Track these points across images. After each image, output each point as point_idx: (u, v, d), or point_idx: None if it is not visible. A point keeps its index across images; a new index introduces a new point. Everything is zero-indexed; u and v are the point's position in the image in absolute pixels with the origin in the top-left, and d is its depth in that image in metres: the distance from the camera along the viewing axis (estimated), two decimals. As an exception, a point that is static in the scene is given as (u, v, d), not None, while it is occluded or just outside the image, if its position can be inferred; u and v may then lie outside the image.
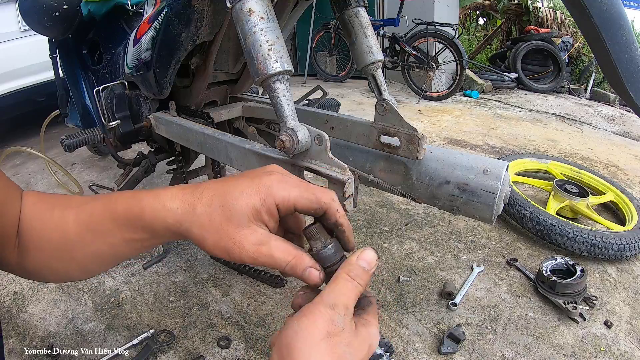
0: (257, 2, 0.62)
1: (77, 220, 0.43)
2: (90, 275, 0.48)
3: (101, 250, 0.43)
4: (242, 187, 0.39)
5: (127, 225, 0.42)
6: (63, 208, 0.44)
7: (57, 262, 0.44)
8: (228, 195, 0.38)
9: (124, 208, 0.42)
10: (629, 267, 1.37)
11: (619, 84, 0.68)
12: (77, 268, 0.45)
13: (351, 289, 0.36)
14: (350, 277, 0.36)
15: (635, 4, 4.88)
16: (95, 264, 0.45)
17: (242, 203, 0.38)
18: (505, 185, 0.73)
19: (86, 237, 0.43)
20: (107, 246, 0.43)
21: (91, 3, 1.29)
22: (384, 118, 0.83)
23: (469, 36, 6.92)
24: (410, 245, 1.48)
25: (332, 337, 0.33)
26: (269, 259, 0.38)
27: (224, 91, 1.26)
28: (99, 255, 0.44)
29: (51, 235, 0.43)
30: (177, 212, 0.39)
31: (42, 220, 0.43)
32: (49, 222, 0.43)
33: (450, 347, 1.02)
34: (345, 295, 0.35)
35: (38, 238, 0.43)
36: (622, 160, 2.40)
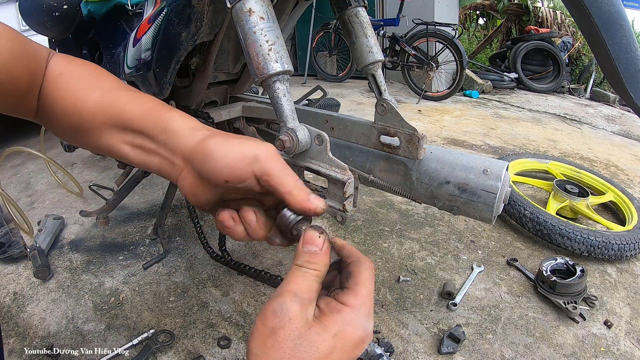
0: (257, 2, 0.62)
1: (99, 100, 0.44)
2: (88, 149, 0.51)
3: (103, 134, 0.44)
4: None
5: (143, 117, 0.42)
6: (89, 87, 0.45)
7: (65, 129, 0.46)
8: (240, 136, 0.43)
9: (152, 105, 0.43)
10: (629, 267, 1.37)
11: (619, 84, 0.68)
12: (79, 140, 0.46)
13: (300, 275, 0.33)
14: (298, 264, 0.34)
15: (635, 4, 4.88)
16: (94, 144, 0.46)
17: None
18: (505, 185, 0.73)
19: (98, 118, 0.43)
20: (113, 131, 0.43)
21: (91, 3, 1.29)
22: (384, 118, 0.83)
23: (469, 36, 6.92)
24: (410, 245, 1.48)
25: (278, 331, 0.30)
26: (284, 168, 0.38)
27: (224, 91, 1.27)
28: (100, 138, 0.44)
29: (66, 110, 0.44)
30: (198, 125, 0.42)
31: (64, 93, 0.45)
32: (70, 96, 0.44)
33: (450, 347, 1.02)
34: (294, 283, 0.33)
35: (55, 108, 0.45)
36: (622, 160, 2.40)
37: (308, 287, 0.33)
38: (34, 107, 0.45)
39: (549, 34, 4.74)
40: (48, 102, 0.45)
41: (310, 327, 0.30)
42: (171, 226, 1.62)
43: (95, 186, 1.63)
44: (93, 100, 0.44)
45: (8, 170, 2.40)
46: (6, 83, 0.41)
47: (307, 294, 0.32)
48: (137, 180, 1.47)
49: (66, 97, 0.44)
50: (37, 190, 2.08)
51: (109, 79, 0.47)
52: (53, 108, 0.45)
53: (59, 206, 1.87)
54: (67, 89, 0.45)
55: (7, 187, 2.12)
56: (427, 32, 3.69)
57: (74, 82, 0.45)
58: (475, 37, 6.97)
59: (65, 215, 1.74)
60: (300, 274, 0.33)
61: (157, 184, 2.01)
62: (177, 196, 1.65)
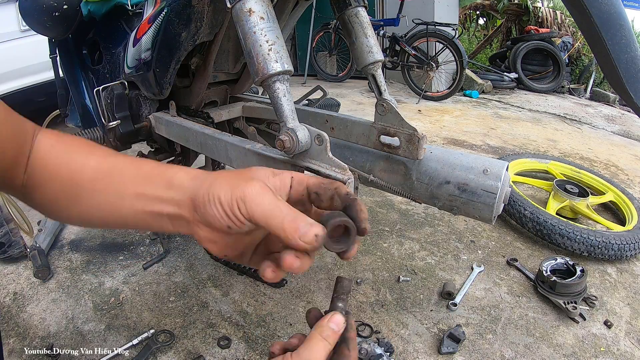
0: (257, 2, 0.62)
1: (97, 167, 0.43)
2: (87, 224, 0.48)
3: (107, 200, 0.43)
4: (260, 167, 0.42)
5: (145, 179, 0.42)
6: (85, 155, 0.44)
7: (62, 200, 0.44)
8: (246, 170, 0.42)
9: (153, 166, 0.43)
10: (629, 267, 1.37)
11: (619, 84, 0.68)
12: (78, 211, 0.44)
13: (322, 347, 0.38)
14: (322, 337, 0.38)
15: (635, 4, 4.88)
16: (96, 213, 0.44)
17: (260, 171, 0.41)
18: (505, 185, 0.73)
19: (99, 184, 0.42)
20: (114, 197, 0.42)
21: (91, 3, 1.29)
22: (384, 118, 0.83)
23: (469, 36, 6.92)
24: (410, 245, 1.48)
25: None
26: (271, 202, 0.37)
27: (224, 91, 1.26)
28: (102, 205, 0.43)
29: (64, 177, 0.43)
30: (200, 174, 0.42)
31: (59, 162, 0.43)
32: (65, 165, 0.43)
33: (450, 347, 1.02)
34: (317, 352, 0.37)
35: (50, 178, 0.43)
36: (622, 160, 2.40)
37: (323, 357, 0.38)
38: (20, 182, 0.43)
39: (549, 34, 4.73)
40: (39, 174, 0.43)
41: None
42: (171, 226, 1.62)
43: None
44: (91, 167, 0.43)
45: (8, 170, 2.40)
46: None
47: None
48: (137, 180, 1.47)
49: (62, 167, 0.43)
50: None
51: (102, 147, 0.46)
52: (46, 181, 0.43)
53: (59, 206, 1.87)
54: (62, 158, 0.43)
55: (7, 187, 2.12)
56: (427, 32, 3.69)
57: (68, 152, 0.44)
58: (475, 37, 6.97)
59: (65, 215, 1.74)
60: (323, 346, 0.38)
61: (157, 184, 2.01)
62: (177, 196, 1.65)
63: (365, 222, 0.39)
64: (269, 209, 0.36)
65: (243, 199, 0.36)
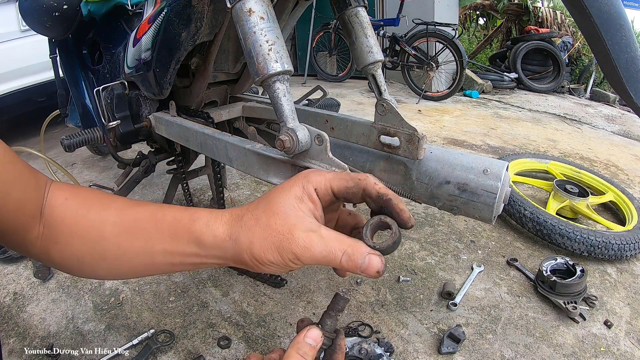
0: (257, 2, 0.62)
1: (118, 222, 0.42)
2: (117, 277, 0.47)
3: (136, 257, 0.42)
4: (282, 185, 0.40)
5: (171, 236, 0.41)
6: (102, 208, 0.43)
7: (87, 257, 0.43)
8: (271, 194, 0.39)
9: (173, 218, 0.41)
10: (629, 267, 1.37)
11: (619, 84, 0.68)
12: (105, 268, 0.44)
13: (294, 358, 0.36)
14: (300, 354, 0.37)
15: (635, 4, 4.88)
16: (126, 269, 0.44)
17: (284, 195, 0.38)
18: (505, 185, 0.73)
19: (123, 241, 0.42)
20: (143, 254, 0.42)
21: (91, 3, 1.29)
22: (384, 118, 0.83)
23: (469, 36, 6.92)
24: (410, 245, 1.48)
25: None
26: (322, 248, 0.36)
27: (224, 91, 1.26)
28: (132, 261, 0.42)
29: (84, 233, 0.42)
30: (226, 223, 0.40)
31: (76, 217, 0.43)
32: (83, 220, 0.42)
33: (450, 347, 1.02)
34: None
35: (69, 233, 0.42)
36: (622, 160, 2.40)
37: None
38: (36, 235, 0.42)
39: (549, 34, 4.73)
40: (57, 229, 0.42)
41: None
42: (171, 226, 1.61)
43: (95, 186, 1.63)
44: (111, 222, 0.42)
45: (8, 170, 2.39)
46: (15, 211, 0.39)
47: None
48: (137, 180, 1.47)
49: (80, 222, 0.42)
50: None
51: (116, 199, 0.45)
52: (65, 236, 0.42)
53: (59, 206, 1.86)
54: (79, 212, 0.43)
55: (7, 187, 2.11)
56: (427, 32, 3.69)
57: (84, 206, 0.43)
58: (475, 37, 6.97)
59: (65, 215, 1.74)
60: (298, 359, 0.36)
61: (157, 184, 2.01)
62: (177, 196, 1.65)
63: (409, 220, 0.39)
64: (323, 255, 0.36)
65: (296, 256, 0.36)
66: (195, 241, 0.40)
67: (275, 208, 0.38)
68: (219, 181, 1.19)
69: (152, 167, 1.36)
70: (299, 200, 0.38)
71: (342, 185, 0.39)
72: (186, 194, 1.29)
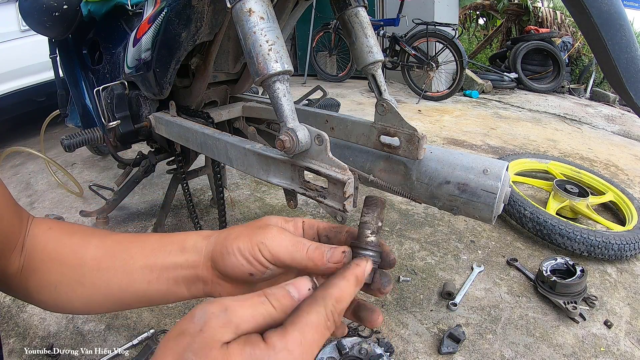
0: (257, 2, 0.62)
1: (100, 245, 0.42)
2: (91, 309, 0.44)
3: (114, 276, 0.41)
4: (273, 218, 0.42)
5: (154, 250, 0.41)
6: (85, 235, 0.43)
7: (64, 284, 0.42)
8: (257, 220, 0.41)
9: (160, 236, 0.42)
10: (629, 267, 1.37)
11: (619, 84, 0.68)
12: (81, 295, 0.42)
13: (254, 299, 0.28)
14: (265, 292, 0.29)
15: (635, 4, 4.88)
16: (101, 296, 0.42)
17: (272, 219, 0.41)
18: (505, 185, 0.73)
19: (104, 261, 0.41)
20: (122, 273, 0.41)
21: (91, 3, 1.29)
22: (384, 118, 0.83)
23: (469, 36, 6.92)
24: (410, 245, 1.48)
25: (181, 337, 0.26)
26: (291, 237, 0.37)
27: (224, 91, 1.26)
28: (109, 283, 0.41)
29: (64, 258, 0.42)
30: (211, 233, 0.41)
31: (58, 243, 0.42)
32: (66, 246, 0.42)
33: (450, 347, 1.02)
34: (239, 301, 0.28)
35: (49, 259, 0.42)
36: (622, 160, 2.40)
37: (250, 314, 0.27)
38: (17, 267, 0.42)
39: (549, 34, 4.73)
40: (38, 257, 0.41)
41: (211, 348, 0.25)
42: (171, 226, 1.62)
43: (95, 186, 1.63)
44: (94, 245, 0.41)
45: (8, 170, 2.40)
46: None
47: (242, 319, 0.27)
48: (137, 180, 1.47)
49: (62, 248, 0.42)
50: (37, 190, 2.08)
51: (100, 229, 0.46)
52: (44, 263, 0.41)
53: (59, 206, 1.87)
54: (61, 239, 0.42)
55: (8, 187, 2.11)
56: (427, 32, 3.69)
57: (67, 234, 0.43)
58: (475, 37, 6.96)
59: (65, 215, 1.74)
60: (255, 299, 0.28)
61: (157, 184, 2.01)
62: (178, 196, 1.65)
63: (391, 254, 0.38)
64: (291, 244, 0.36)
65: (264, 242, 0.36)
66: (178, 248, 0.41)
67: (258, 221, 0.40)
68: (219, 181, 1.19)
69: (152, 167, 1.36)
70: (284, 220, 0.40)
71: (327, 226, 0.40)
72: (186, 194, 1.29)
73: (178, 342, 0.26)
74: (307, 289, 0.30)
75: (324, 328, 0.27)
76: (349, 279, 0.31)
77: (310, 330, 0.27)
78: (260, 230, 0.37)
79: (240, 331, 0.27)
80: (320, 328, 0.27)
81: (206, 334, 0.26)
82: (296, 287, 0.30)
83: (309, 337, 0.26)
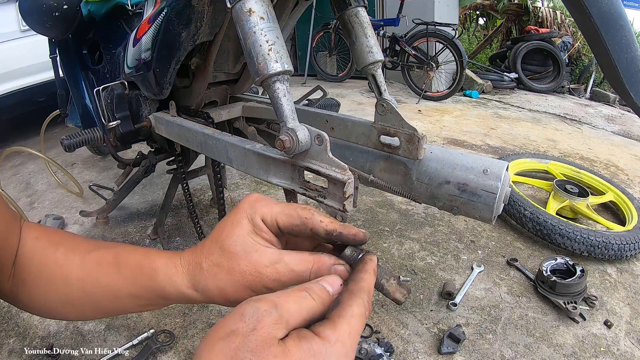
0: (257, 2, 0.62)
1: (83, 265, 0.42)
2: (89, 319, 0.46)
3: (103, 299, 0.42)
4: (230, 220, 0.38)
5: (136, 284, 0.40)
6: (69, 250, 0.43)
7: (54, 301, 0.42)
8: (222, 233, 0.38)
9: (136, 264, 0.41)
10: (629, 267, 1.37)
11: (619, 84, 0.68)
12: (74, 311, 0.43)
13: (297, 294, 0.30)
14: (304, 287, 0.31)
15: (635, 4, 4.88)
16: (92, 311, 0.44)
17: (236, 232, 0.37)
18: (505, 185, 0.73)
19: (89, 285, 0.41)
20: (109, 298, 0.41)
21: (91, 3, 1.29)
22: (384, 118, 0.83)
23: (469, 36, 6.92)
24: (410, 245, 1.48)
25: (232, 337, 0.26)
26: (290, 275, 0.36)
27: (224, 91, 1.26)
28: (99, 304, 0.42)
29: (51, 273, 0.42)
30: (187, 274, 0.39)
31: (44, 257, 0.42)
32: (51, 260, 0.42)
33: (450, 347, 1.02)
34: (284, 297, 0.29)
35: (37, 272, 0.42)
36: (622, 160, 2.40)
37: (297, 310, 0.28)
38: (8, 275, 0.42)
39: (549, 34, 4.73)
40: (27, 267, 0.42)
41: (270, 345, 0.25)
42: (171, 226, 1.62)
43: (95, 186, 1.63)
44: (77, 265, 0.42)
45: (8, 170, 2.40)
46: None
47: (291, 315, 0.28)
48: (137, 180, 1.47)
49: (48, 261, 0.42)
50: (37, 190, 2.08)
51: (83, 240, 0.45)
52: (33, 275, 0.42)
53: (59, 206, 1.87)
54: (47, 250, 0.42)
55: (7, 187, 2.12)
56: (427, 32, 3.69)
57: (52, 245, 0.43)
58: (475, 37, 6.96)
59: (65, 216, 1.74)
60: (297, 294, 0.30)
61: (157, 184, 2.01)
62: (178, 196, 1.65)
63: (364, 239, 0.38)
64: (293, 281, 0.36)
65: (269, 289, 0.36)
66: (159, 294, 0.40)
67: (233, 249, 0.37)
68: (219, 181, 1.19)
69: (152, 167, 1.36)
70: (252, 234, 0.37)
71: (287, 222, 0.37)
72: (186, 194, 1.29)
73: (229, 342, 0.25)
74: (339, 284, 0.33)
75: (364, 317, 0.30)
76: (371, 272, 0.34)
77: (356, 321, 0.29)
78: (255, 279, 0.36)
79: (291, 326, 0.28)
80: (362, 318, 0.29)
81: (261, 332, 0.26)
82: (329, 283, 0.32)
83: (355, 328, 0.28)
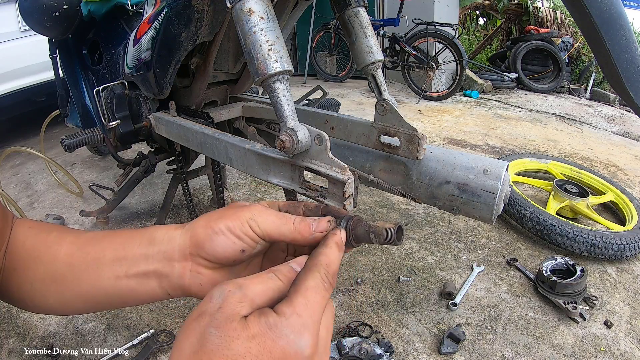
0: (257, 2, 0.62)
1: (75, 240, 0.43)
2: (66, 310, 0.45)
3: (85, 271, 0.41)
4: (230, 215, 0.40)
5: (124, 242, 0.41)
6: (62, 232, 0.44)
7: (39, 281, 0.42)
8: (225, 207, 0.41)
9: (130, 230, 0.43)
10: (629, 267, 1.37)
11: (619, 84, 0.68)
12: (54, 292, 0.43)
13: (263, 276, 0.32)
14: (272, 269, 0.33)
15: (635, 4, 4.89)
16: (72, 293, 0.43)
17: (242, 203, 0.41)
18: (505, 185, 0.73)
19: (76, 257, 0.42)
20: (92, 267, 0.41)
21: (91, 3, 1.29)
22: (384, 118, 0.83)
23: (469, 36, 6.92)
24: (410, 245, 1.48)
25: (202, 317, 0.28)
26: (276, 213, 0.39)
27: (224, 91, 1.26)
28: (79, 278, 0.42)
29: (40, 255, 0.42)
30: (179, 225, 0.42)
31: (35, 240, 0.43)
32: (42, 242, 0.43)
33: (450, 347, 1.02)
34: (250, 279, 0.31)
35: (27, 257, 0.42)
36: (622, 160, 2.40)
37: (262, 289, 0.30)
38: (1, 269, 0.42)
39: (549, 34, 4.73)
40: (18, 255, 0.42)
41: (232, 321, 0.27)
42: (171, 226, 1.61)
43: (95, 186, 1.63)
44: (68, 241, 0.42)
45: (8, 170, 2.40)
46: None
47: (256, 294, 0.30)
48: (137, 180, 1.47)
49: (39, 244, 0.43)
50: (37, 190, 2.08)
51: (76, 229, 0.47)
52: (24, 261, 0.42)
53: (59, 206, 1.87)
54: (39, 236, 0.43)
55: (7, 187, 2.12)
56: (427, 32, 3.69)
57: (45, 231, 0.44)
58: (475, 37, 6.96)
59: (65, 216, 1.74)
60: (264, 275, 0.32)
61: (157, 184, 2.01)
62: (178, 196, 1.65)
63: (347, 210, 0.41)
64: (278, 219, 0.38)
65: (253, 218, 0.38)
66: (147, 240, 0.41)
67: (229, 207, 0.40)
68: (219, 181, 1.19)
69: (152, 167, 1.36)
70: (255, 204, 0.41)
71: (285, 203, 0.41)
72: (186, 194, 1.29)
73: (199, 321, 0.28)
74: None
75: (322, 289, 0.31)
76: (331, 245, 0.35)
77: (312, 293, 0.30)
78: (245, 209, 0.39)
79: (256, 305, 0.29)
80: (319, 289, 0.30)
81: (226, 310, 0.28)
82: (298, 263, 0.34)
83: (311, 299, 0.30)
